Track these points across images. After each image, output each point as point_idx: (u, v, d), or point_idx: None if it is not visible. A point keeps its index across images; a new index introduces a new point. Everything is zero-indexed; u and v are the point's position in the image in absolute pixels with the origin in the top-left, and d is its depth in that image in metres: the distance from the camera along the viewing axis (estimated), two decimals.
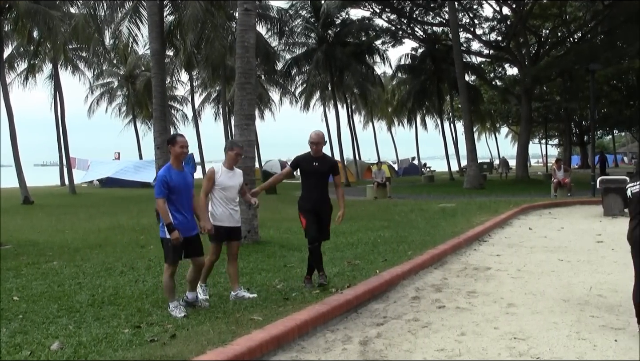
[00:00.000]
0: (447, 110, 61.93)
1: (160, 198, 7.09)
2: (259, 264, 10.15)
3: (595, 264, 10.83)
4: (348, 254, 10.94)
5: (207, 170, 7.98)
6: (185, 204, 7.28)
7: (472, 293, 8.62)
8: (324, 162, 8.59)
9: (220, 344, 5.72)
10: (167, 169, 7.22)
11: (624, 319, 7.20)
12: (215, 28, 30.67)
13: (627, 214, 18.01)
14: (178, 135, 7.50)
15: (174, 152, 7.27)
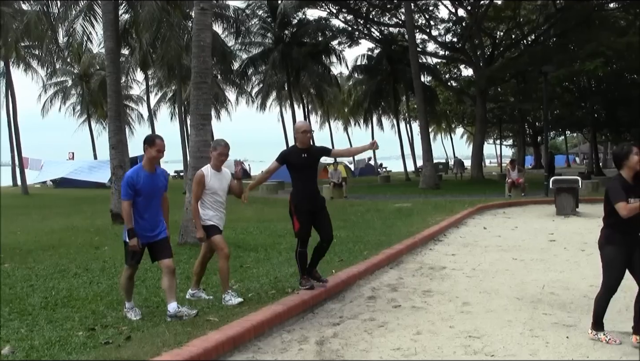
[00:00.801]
0: (403, 110, 62.33)
1: (126, 201, 6.87)
2: (215, 265, 10.10)
3: (548, 262, 11.02)
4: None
5: (196, 174, 7.79)
6: (151, 208, 7.03)
7: (428, 292, 8.70)
8: (312, 152, 8.30)
9: (176, 345, 5.69)
10: (136, 170, 7.00)
11: (575, 316, 7.36)
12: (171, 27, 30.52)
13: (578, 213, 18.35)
14: (157, 137, 7.24)
15: (149, 154, 7.02)
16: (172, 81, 47.28)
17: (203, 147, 12.74)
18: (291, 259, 10.37)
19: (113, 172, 18.05)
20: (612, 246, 6.21)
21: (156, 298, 7.72)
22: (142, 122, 62.65)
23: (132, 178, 6.90)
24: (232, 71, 46.84)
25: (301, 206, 7.98)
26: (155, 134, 7.64)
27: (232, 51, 44.16)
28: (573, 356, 5.91)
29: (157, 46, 33.16)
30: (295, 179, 8.24)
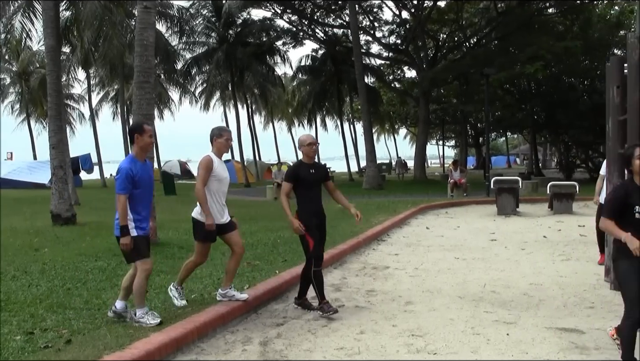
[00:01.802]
0: (347, 111, 62.56)
1: (123, 194, 6.47)
2: (158, 265, 9.99)
3: (489, 261, 11.19)
4: (247, 255, 10.87)
5: (202, 159, 7.20)
6: (146, 201, 6.76)
7: (371, 292, 8.76)
8: (319, 168, 7.92)
9: (118, 348, 5.61)
10: (130, 161, 6.61)
11: (515, 313, 7.49)
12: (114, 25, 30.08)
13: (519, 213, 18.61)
14: (144, 123, 6.99)
15: (142, 142, 6.67)
16: (115, 80, 46.63)
17: None
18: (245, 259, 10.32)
19: (53, 173, 17.70)
20: (623, 260, 5.51)
21: (97, 301, 7.59)
22: (84, 122, 61.54)
23: (130, 170, 6.52)
24: (176, 70, 46.41)
25: (311, 224, 7.56)
26: (141, 121, 7.34)
27: (175, 50, 43.75)
28: (513, 353, 6.01)
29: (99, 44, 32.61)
30: (302, 196, 7.74)
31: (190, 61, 46.16)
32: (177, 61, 45.29)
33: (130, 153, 6.80)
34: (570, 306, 7.92)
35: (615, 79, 8.67)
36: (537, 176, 42.33)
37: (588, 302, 8.10)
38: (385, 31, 46.92)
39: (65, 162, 18.01)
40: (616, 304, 7.78)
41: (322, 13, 45.29)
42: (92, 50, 35.19)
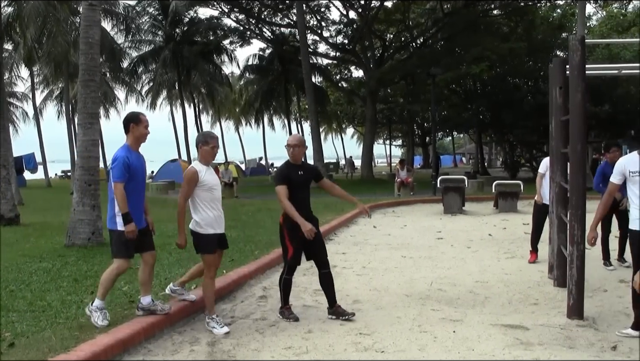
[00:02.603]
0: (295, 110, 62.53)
1: (121, 182, 6.40)
2: (104, 266, 9.77)
3: (435, 260, 11.30)
4: (194, 255, 10.80)
5: (187, 171, 6.85)
6: (140, 192, 6.72)
7: (319, 291, 8.73)
8: (308, 170, 7.59)
9: (63, 351, 5.52)
10: (126, 149, 6.55)
11: (461, 311, 7.58)
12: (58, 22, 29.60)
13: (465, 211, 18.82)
14: (140, 113, 6.87)
15: (138, 132, 6.63)
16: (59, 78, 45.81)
17: (91, 147, 12.43)
18: (182, 260, 10.26)
19: None
20: None
21: (42, 302, 7.44)
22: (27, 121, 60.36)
23: (127, 158, 6.46)
24: (122, 69, 45.87)
25: (296, 230, 7.15)
26: (136, 111, 7.18)
27: (121, 49, 43.24)
28: (459, 350, 6.08)
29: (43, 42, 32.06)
30: (290, 199, 7.26)
31: (137, 59, 45.74)
32: (123, 59, 44.84)
33: (125, 143, 6.69)
34: (515, 303, 8.05)
35: (558, 80, 8.83)
36: (483, 175, 42.88)
37: (532, 299, 8.24)
38: (332, 31, 47.08)
39: (8, 162, 17.66)
40: (559, 300, 7.95)
41: (269, 12, 45.19)
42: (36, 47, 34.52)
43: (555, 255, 9.13)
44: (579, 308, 7.16)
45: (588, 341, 6.37)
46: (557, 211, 9.01)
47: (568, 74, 7.62)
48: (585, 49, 7.37)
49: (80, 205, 12.26)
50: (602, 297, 8.35)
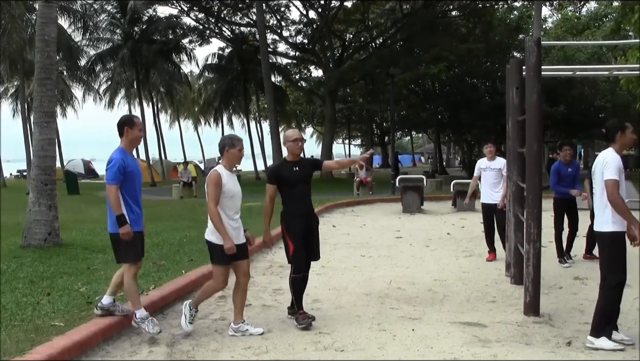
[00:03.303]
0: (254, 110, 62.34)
1: (114, 184, 6.31)
2: (61, 267, 9.74)
3: (394, 258, 11.37)
4: (153, 255, 10.74)
5: (210, 175, 6.58)
6: (137, 197, 6.58)
7: (278, 291, 8.78)
8: (303, 164, 7.28)
9: (18, 354, 5.43)
10: (122, 152, 6.46)
11: (420, 309, 7.64)
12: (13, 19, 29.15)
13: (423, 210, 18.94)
14: (133, 116, 6.76)
15: (132, 135, 6.52)
16: (15, 76, 45.05)
17: (47, 146, 12.25)
18: None
19: None
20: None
21: None
22: None
23: (122, 160, 6.35)
24: (79, 67, 45.28)
25: (294, 226, 7.10)
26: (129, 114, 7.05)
27: (79, 47, 42.69)
28: (418, 348, 6.13)
29: None
30: (286, 197, 7.18)
31: (94, 57, 45.14)
32: (81, 57, 44.22)
33: (119, 145, 6.59)
34: (473, 300, 8.13)
35: (515, 80, 8.95)
36: (441, 174, 43.23)
37: (490, 296, 8.34)
38: (292, 30, 47.10)
39: None
40: (516, 298, 8.06)
41: (229, 11, 45.02)
42: None
43: (512, 253, 9.25)
44: (535, 305, 7.27)
45: (544, 337, 6.48)
46: (514, 209, 9.13)
47: (524, 75, 7.72)
48: (541, 50, 7.48)
49: (36, 205, 12.08)
50: (557, 294, 8.49)
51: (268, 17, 43.81)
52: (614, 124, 6.33)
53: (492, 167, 10.91)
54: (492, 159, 10.99)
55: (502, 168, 10.70)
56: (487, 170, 10.96)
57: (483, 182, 11.05)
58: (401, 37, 43.73)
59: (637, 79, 18.13)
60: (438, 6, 41.55)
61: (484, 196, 11.04)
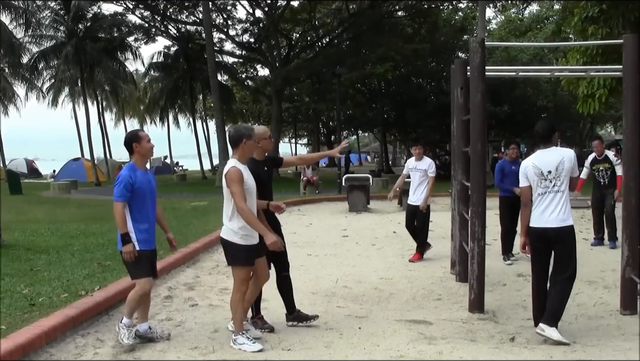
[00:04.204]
0: (200, 109, 61.97)
1: (121, 202, 6.17)
2: (3, 269, 9.52)
3: (341, 257, 11.42)
4: (98, 256, 10.60)
5: (229, 170, 6.10)
6: (151, 211, 6.41)
7: (225, 290, 8.73)
8: (268, 163, 6.95)
9: None
10: (130, 168, 6.30)
11: (366, 307, 7.70)
12: None
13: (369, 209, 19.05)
14: (139, 130, 6.63)
15: (142, 149, 6.32)
16: None
17: None
18: (85, 261, 10.04)
19: None
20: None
21: None
22: None
23: (130, 177, 6.19)
24: (22, 64, 44.40)
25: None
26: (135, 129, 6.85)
27: (21, 44, 41.87)
28: (365, 346, 6.17)
29: None
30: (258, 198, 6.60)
31: (37, 55, 44.27)
32: (23, 54, 43.36)
33: (130, 161, 6.44)
34: (419, 298, 8.22)
35: (459, 80, 9.06)
36: (388, 173, 43.46)
37: (435, 294, 8.44)
38: (238, 29, 46.82)
39: None
40: (461, 295, 8.17)
41: (175, 9, 44.56)
42: None
43: (457, 251, 9.37)
44: (480, 302, 7.39)
45: (488, 333, 6.58)
46: (459, 208, 9.26)
47: (469, 75, 7.83)
48: (485, 51, 7.58)
49: None
50: (501, 291, 8.63)
51: (214, 15, 43.50)
52: (549, 125, 6.64)
53: (418, 168, 11.06)
54: (419, 160, 11.13)
55: (427, 169, 10.99)
56: (414, 170, 11.13)
57: (411, 182, 11.25)
58: (347, 36, 43.88)
59: (577, 80, 18.51)
60: (384, 6, 41.79)
61: (409, 197, 11.26)
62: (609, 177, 11.95)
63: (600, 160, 11.90)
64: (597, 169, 12.11)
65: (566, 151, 6.57)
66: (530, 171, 6.53)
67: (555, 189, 6.40)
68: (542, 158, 6.52)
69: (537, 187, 6.48)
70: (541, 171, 6.45)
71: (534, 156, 6.65)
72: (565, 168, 6.38)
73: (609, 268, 9.89)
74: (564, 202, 6.38)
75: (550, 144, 6.53)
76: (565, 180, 6.40)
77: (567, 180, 6.42)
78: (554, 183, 6.40)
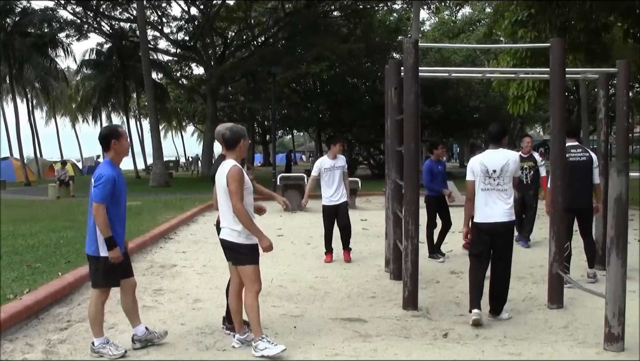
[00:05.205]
0: (134, 107, 61.23)
1: (104, 204, 5.80)
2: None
3: (276, 257, 11.36)
4: (28, 258, 10.37)
5: (231, 169, 5.95)
6: (122, 215, 6.11)
7: (159, 291, 8.66)
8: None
9: None
10: (112, 167, 5.97)
11: (302, 306, 7.72)
12: None
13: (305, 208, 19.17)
14: (118, 126, 6.32)
15: (121, 146, 6.02)
16: None
17: None
18: (13, 263, 9.80)
19: None
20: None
21: None
22: None
23: (113, 176, 5.87)
24: None
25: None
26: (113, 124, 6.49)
27: None
28: (301, 345, 6.20)
29: None
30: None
31: None
32: None
33: (106, 158, 6.12)
34: (354, 297, 8.28)
35: (393, 81, 9.16)
36: None
37: (370, 292, 8.51)
38: (173, 27, 46.39)
39: None
40: (395, 293, 8.26)
41: (108, 6, 43.84)
42: None
43: (391, 250, 9.47)
44: (414, 300, 7.49)
45: (422, 330, 6.68)
46: (393, 207, 9.35)
47: (403, 76, 7.91)
48: (418, 52, 7.69)
49: None
50: (434, 288, 8.76)
51: (149, 12, 42.97)
52: (501, 129, 7.19)
53: (337, 166, 10.92)
54: (335, 158, 10.99)
55: (344, 165, 11.04)
56: (332, 169, 10.90)
57: (327, 182, 11.02)
58: (283, 36, 43.90)
59: (507, 82, 18.92)
60: (320, 6, 41.95)
61: (329, 197, 11.04)
62: (532, 176, 12.13)
63: (525, 158, 12.08)
64: (521, 167, 12.31)
65: (512, 154, 7.10)
66: (477, 167, 7.02)
67: (499, 188, 6.93)
68: (489, 157, 7.01)
69: (481, 182, 6.97)
70: (487, 169, 6.94)
71: (483, 155, 7.12)
72: (510, 169, 6.93)
73: (537, 264, 10.17)
74: (506, 199, 6.92)
75: (499, 146, 7.06)
76: (508, 180, 6.94)
77: (510, 180, 6.96)
78: (497, 182, 6.93)
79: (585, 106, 25.75)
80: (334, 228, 11.17)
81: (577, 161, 8.59)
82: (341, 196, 10.93)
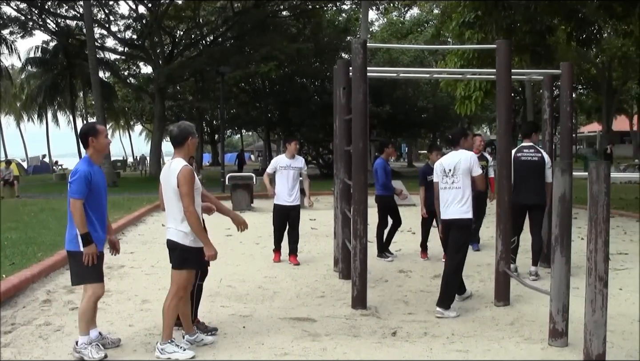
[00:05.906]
0: (80, 106, 60.34)
1: (80, 199, 5.72)
2: None
3: (225, 257, 11.31)
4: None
5: (182, 169, 5.75)
6: (101, 210, 6.01)
7: (106, 292, 8.49)
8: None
9: None
10: (88, 163, 5.91)
11: (251, 306, 7.72)
12: None
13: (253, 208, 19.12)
14: (96, 123, 6.16)
15: (99, 144, 5.95)
16: None
17: None
18: None
19: None
20: None
21: None
22: None
23: (88, 172, 5.78)
24: None
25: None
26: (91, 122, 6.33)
27: None
28: (250, 345, 6.19)
29: None
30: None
31: None
32: None
33: (85, 155, 6.03)
34: (303, 296, 8.30)
35: (342, 81, 9.20)
36: None
37: (319, 292, 8.54)
38: (121, 25, 45.91)
39: None
40: (344, 292, 8.30)
41: (54, 2, 43.14)
42: None
43: (340, 249, 9.51)
44: (363, 299, 7.54)
45: (371, 329, 6.73)
46: (341, 206, 9.40)
47: (351, 76, 7.96)
48: (367, 52, 7.74)
49: None
50: (383, 287, 8.82)
51: (96, 10, 42.43)
52: (459, 132, 7.71)
53: (294, 166, 10.67)
54: (292, 157, 10.75)
55: (302, 167, 10.82)
56: (287, 168, 10.62)
57: (282, 181, 10.73)
58: (232, 35, 43.73)
59: (455, 82, 19.14)
60: (269, 6, 41.91)
61: (283, 197, 10.74)
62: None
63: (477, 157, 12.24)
64: None
65: (464, 154, 7.50)
66: (438, 168, 7.64)
67: (455, 186, 7.39)
68: (447, 159, 7.57)
69: (441, 182, 7.55)
70: (444, 169, 7.51)
71: (444, 157, 7.72)
72: (461, 168, 7.34)
73: (485, 262, 10.34)
74: (461, 197, 7.34)
75: (458, 147, 7.56)
76: (462, 178, 7.34)
77: (464, 178, 7.34)
78: (452, 180, 7.41)
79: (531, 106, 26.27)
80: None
81: (528, 160, 9.02)
82: (295, 199, 10.70)
